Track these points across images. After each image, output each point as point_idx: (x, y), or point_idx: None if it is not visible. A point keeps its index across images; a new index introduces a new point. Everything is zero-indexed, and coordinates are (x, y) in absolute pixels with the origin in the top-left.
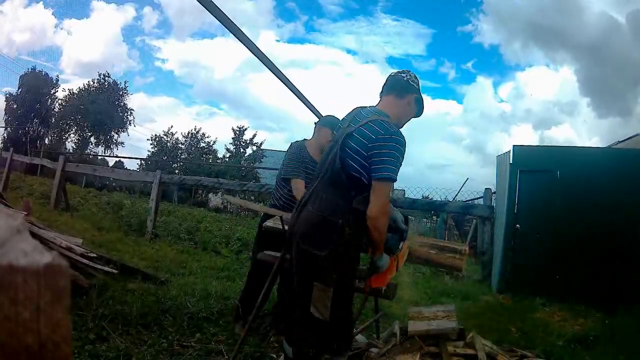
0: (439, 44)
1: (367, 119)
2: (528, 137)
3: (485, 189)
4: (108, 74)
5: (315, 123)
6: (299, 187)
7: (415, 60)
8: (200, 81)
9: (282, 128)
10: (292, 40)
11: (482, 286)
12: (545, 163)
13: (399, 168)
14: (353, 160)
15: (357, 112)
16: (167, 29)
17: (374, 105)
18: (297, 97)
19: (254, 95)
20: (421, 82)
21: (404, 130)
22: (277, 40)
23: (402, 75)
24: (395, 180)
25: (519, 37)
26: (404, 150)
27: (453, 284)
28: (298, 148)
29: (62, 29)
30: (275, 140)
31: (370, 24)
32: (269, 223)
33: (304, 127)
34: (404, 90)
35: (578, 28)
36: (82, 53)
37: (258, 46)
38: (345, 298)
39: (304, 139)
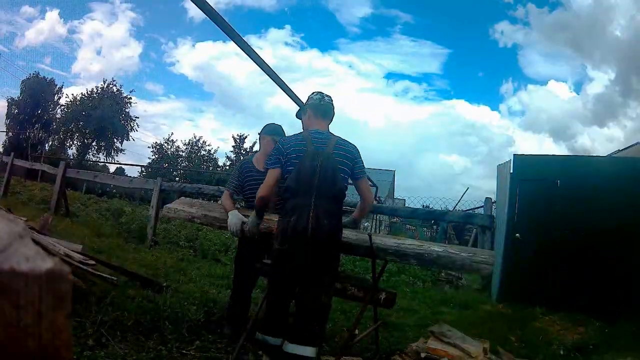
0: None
1: (331, 140)
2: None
3: (486, 198)
4: (113, 80)
5: (258, 133)
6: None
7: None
8: (212, 84)
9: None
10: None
11: (481, 295)
12: (545, 172)
13: None
14: (344, 174)
15: (315, 136)
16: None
17: (320, 129)
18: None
19: (270, 102)
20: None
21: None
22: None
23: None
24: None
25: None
26: None
27: (453, 293)
28: (241, 164)
29: (75, 33)
30: None
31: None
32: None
33: None
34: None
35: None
36: (94, 58)
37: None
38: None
39: (254, 154)
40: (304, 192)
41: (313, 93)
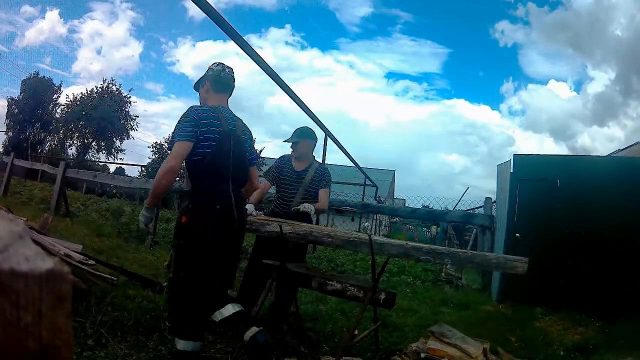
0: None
1: (238, 121)
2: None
3: (486, 198)
4: (112, 80)
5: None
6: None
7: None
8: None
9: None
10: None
11: (482, 295)
12: (545, 172)
13: None
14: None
15: (225, 114)
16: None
17: (221, 104)
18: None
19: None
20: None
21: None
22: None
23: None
24: None
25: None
26: None
27: (453, 293)
28: (281, 158)
29: (75, 32)
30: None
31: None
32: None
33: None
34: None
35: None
36: (95, 58)
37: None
38: None
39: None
40: (222, 177)
41: (213, 64)
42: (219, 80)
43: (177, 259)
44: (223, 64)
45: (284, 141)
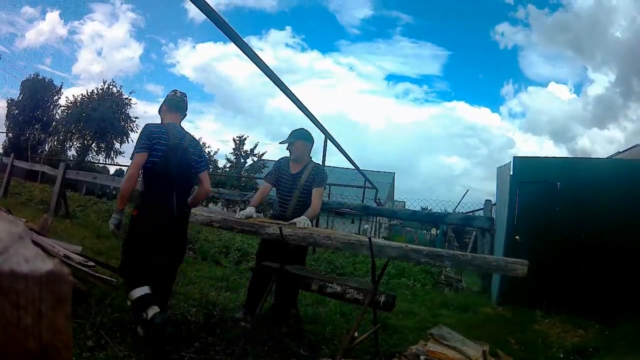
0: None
1: (186, 136)
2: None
3: (486, 200)
4: (113, 81)
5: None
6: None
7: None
8: (213, 86)
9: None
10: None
11: (481, 298)
12: (545, 174)
13: None
14: (194, 167)
15: (174, 130)
16: (182, 32)
17: (173, 122)
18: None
19: (271, 103)
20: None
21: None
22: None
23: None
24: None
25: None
26: None
27: (453, 296)
28: (279, 161)
29: (76, 34)
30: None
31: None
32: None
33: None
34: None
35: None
36: (95, 59)
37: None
38: None
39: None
40: (167, 182)
41: (170, 91)
42: (171, 102)
43: (126, 240)
44: (177, 90)
45: (280, 142)
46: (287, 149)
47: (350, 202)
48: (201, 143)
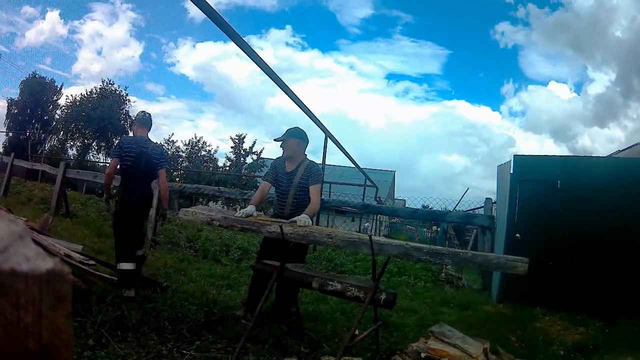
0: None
1: (150, 144)
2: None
3: (486, 198)
4: (111, 80)
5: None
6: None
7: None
8: (213, 85)
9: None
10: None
11: (482, 296)
12: (545, 173)
13: None
14: (156, 166)
15: (141, 141)
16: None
17: (141, 134)
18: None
19: (271, 102)
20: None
21: None
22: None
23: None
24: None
25: None
26: None
27: (453, 293)
28: (276, 160)
29: (76, 33)
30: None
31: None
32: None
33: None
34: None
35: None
36: (95, 58)
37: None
38: None
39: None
40: (135, 178)
41: (140, 112)
42: (141, 120)
43: (113, 218)
44: (145, 111)
45: (274, 140)
46: (280, 147)
47: (351, 200)
48: (201, 142)
